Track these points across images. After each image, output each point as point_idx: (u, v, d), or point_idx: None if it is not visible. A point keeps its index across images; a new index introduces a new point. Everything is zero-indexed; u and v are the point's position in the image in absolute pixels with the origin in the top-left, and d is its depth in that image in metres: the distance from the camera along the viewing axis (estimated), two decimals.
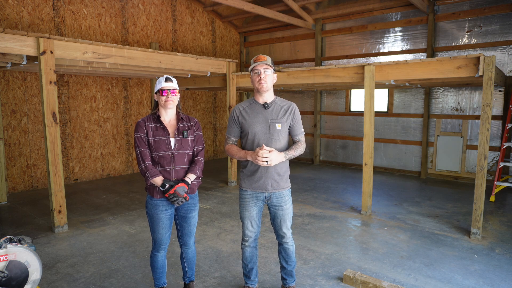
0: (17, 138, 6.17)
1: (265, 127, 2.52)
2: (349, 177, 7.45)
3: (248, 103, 2.63)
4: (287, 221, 2.67)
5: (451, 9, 6.83)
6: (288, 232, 2.70)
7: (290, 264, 2.80)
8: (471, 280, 3.16)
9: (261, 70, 2.49)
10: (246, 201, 2.65)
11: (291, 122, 2.57)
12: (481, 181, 4.01)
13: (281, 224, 2.66)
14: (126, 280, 3.16)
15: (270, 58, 2.54)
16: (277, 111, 2.56)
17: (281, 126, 2.52)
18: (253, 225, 2.70)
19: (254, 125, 2.54)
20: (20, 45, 3.94)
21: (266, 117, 2.54)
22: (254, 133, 2.53)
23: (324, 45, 8.70)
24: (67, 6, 6.54)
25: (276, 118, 2.53)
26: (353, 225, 4.57)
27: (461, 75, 4.11)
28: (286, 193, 2.64)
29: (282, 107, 2.57)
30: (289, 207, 2.67)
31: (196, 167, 2.58)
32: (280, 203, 2.62)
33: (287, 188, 2.65)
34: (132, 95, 7.77)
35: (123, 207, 5.33)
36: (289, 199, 2.67)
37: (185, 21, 8.70)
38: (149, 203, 2.56)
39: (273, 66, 2.56)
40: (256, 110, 2.57)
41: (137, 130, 2.50)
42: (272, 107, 2.57)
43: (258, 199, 2.63)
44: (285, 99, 2.66)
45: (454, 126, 7.01)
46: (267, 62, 2.49)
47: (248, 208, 2.66)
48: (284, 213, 2.64)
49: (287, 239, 2.72)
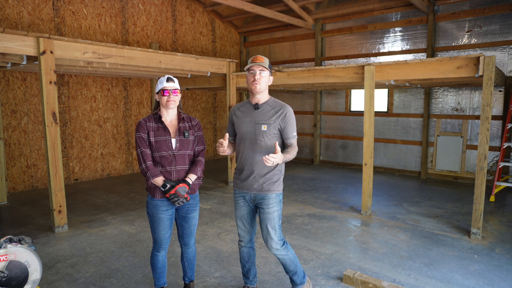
0: (17, 138, 6.17)
1: (251, 128, 2.51)
2: (349, 177, 7.45)
3: (244, 103, 2.65)
4: (269, 227, 2.53)
5: (451, 9, 6.83)
6: (273, 239, 2.54)
7: (288, 272, 2.71)
8: (471, 280, 3.16)
9: (257, 71, 2.46)
10: (236, 200, 2.67)
11: (281, 124, 2.48)
12: (481, 181, 4.01)
13: (266, 228, 2.54)
14: (126, 280, 3.16)
15: (267, 60, 2.52)
16: (267, 112, 2.51)
17: (266, 128, 2.46)
18: (244, 224, 2.67)
19: (242, 125, 2.56)
20: (20, 45, 3.94)
21: (254, 118, 2.52)
22: (241, 132, 2.56)
23: (324, 45, 8.70)
24: (67, 6, 6.54)
25: (264, 119, 2.49)
26: (353, 225, 4.57)
27: (461, 75, 4.11)
28: (273, 197, 2.53)
29: (273, 109, 2.52)
30: (273, 212, 2.52)
31: (197, 167, 2.58)
32: (262, 206, 2.54)
33: (274, 191, 2.54)
34: (132, 95, 7.77)
35: (123, 207, 5.33)
36: (274, 203, 2.54)
37: (185, 21, 8.70)
38: (150, 203, 2.55)
39: (270, 69, 2.52)
40: (247, 110, 2.58)
41: (138, 130, 2.49)
42: (262, 108, 2.53)
43: (245, 198, 2.61)
44: (280, 101, 2.59)
45: (454, 126, 7.01)
46: (264, 64, 2.46)
47: (238, 208, 2.66)
48: (267, 217, 2.52)
49: (276, 250, 2.56)
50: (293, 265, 2.67)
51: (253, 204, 2.62)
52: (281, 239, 2.60)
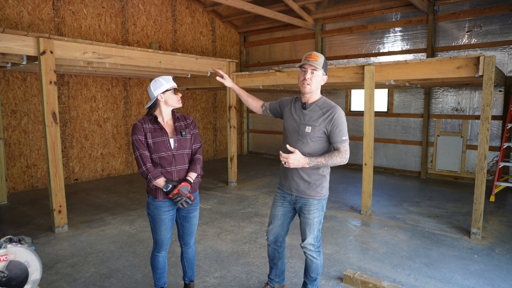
0: (17, 138, 6.17)
1: (296, 127, 2.44)
2: (349, 177, 7.45)
3: (298, 99, 2.55)
4: (308, 231, 2.49)
5: (451, 9, 6.83)
6: (310, 242, 2.52)
7: (307, 277, 2.65)
8: (471, 280, 3.16)
9: (308, 70, 2.34)
10: (276, 198, 2.65)
11: (327, 127, 2.34)
12: (481, 181, 4.01)
13: (304, 231, 2.52)
14: (126, 280, 3.16)
15: (323, 58, 2.35)
16: (314, 113, 2.40)
17: (310, 130, 2.36)
18: (273, 223, 2.63)
19: (288, 122, 2.52)
20: (20, 45, 3.94)
21: (300, 118, 2.44)
22: (287, 130, 2.52)
23: (324, 45, 8.70)
24: (67, 6, 6.54)
25: (309, 120, 2.39)
26: (353, 225, 4.57)
27: (461, 75, 4.11)
28: (315, 203, 2.46)
29: (321, 110, 2.39)
30: (314, 218, 2.47)
31: (196, 165, 2.57)
32: (303, 211, 2.49)
33: (315, 197, 2.45)
34: (132, 95, 7.77)
35: (123, 207, 5.33)
36: (316, 210, 2.47)
37: (185, 21, 8.70)
38: (151, 205, 2.53)
39: (324, 68, 2.38)
40: (297, 108, 2.51)
41: (135, 132, 2.44)
42: (310, 109, 2.42)
43: (285, 199, 2.57)
44: (330, 102, 2.44)
45: (454, 126, 7.01)
46: (317, 64, 2.31)
47: (274, 206, 2.64)
48: (307, 222, 2.48)
49: (309, 250, 2.54)
50: (316, 273, 2.63)
51: (292, 207, 2.57)
52: (317, 241, 2.56)
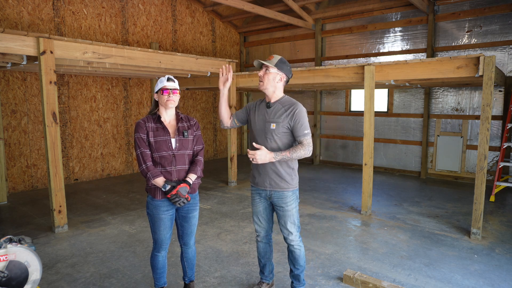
0: (17, 138, 6.17)
1: (262, 126, 2.56)
2: (349, 177, 7.45)
3: (262, 100, 2.70)
4: (289, 223, 2.61)
5: (451, 9, 6.82)
6: (292, 232, 2.64)
7: (297, 268, 2.75)
8: (471, 280, 3.16)
9: (263, 69, 2.56)
10: (252, 196, 2.74)
11: (290, 123, 2.48)
12: (481, 181, 4.01)
13: (284, 224, 2.63)
14: (126, 280, 3.16)
15: (278, 58, 2.53)
16: (277, 110, 2.53)
17: (275, 126, 2.49)
18: (260, 220, 2.74)
19: (254, 122, 2.63)
20: (20, 45, 3.94)
21: (265, 116, 2.57)
22: (253, 129, 2.63)
23: (324, 45, 8.70)
24: (67, 6, 6.54)
25: (273, 117, 2.52)
26: (353, 225, 4.57)
27: (461, 75, 4.11)
28: (289, 194, 2.58)
29: (283, 107, 2.53)
30: (292, 209, 2.60)
31: (197, 167, 2.58)
32: (281, 204, 2.59)
33: (288, 189, 2.58)
34: (132, 95, 7.77)
35: (123, 207, 5.33)
36: (292, 200, 2.60)
37: (185, 21, 8.70)
38: (150, 204, 2.54)
39: (278, 66, 2.51)
40: (261, 108, 2.64)
41: (137, 130, 2.48)
42: (274, 107, 2.56)
43: (261, 195, 2.67)
44: (292, 100, 2.58)
45: (454, 126, 7.01)
46: (269, 63, 2.51)
47: (254, 203, 2.73)
48: (286, 214, 2.60)
49: (292, 241, 2.66)
50: (303, 260, 2.75)
51: (269, 201, 2.67)
52: (298, 231, 2.69)
